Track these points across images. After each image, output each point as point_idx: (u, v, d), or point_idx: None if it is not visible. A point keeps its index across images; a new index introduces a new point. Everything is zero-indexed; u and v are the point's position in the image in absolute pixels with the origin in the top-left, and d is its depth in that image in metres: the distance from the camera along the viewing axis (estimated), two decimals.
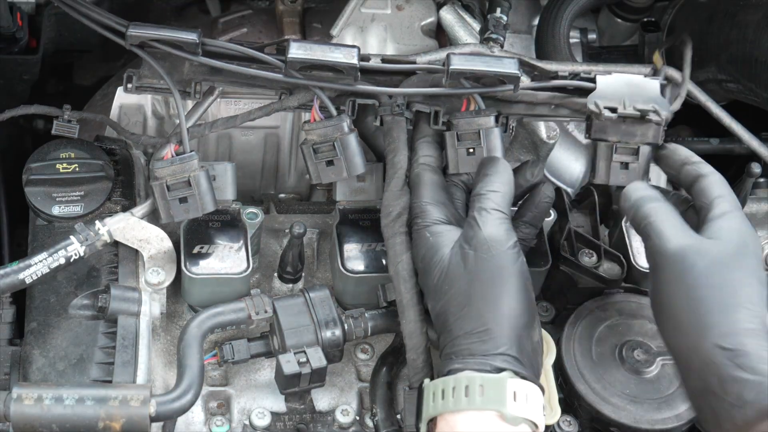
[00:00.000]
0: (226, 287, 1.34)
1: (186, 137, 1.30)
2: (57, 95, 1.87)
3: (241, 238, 1.36)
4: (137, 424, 1.16)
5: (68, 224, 1.36)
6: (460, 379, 1.14)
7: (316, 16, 1.62)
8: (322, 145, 1.31)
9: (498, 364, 1.14)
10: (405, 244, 1.27)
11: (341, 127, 1.31)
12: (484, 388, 1.12)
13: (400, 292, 1.27)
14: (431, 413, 1.16)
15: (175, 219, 1.30)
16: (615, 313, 1.40)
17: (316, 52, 1.28)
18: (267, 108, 1.36)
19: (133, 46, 1.30)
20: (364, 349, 1.42)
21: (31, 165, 1.38)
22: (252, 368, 1.39)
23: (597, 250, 1.44)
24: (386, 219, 1.29)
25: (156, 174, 1.29)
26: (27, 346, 1.30)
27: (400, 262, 1.27)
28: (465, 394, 1.13)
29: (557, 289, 1.44)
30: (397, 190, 1.30)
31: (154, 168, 1.29)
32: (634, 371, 1.34)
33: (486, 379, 1.13)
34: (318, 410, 1.37)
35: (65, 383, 1.23)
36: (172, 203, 1.29)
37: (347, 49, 1.29)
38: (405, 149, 1.31)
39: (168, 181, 1.28)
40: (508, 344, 1.15)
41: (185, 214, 1.30)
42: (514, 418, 1.12)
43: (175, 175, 1.28)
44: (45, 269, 1.26)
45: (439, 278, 1.20)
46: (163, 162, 1.29)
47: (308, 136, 1.31)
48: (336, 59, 1.28)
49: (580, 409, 1.34)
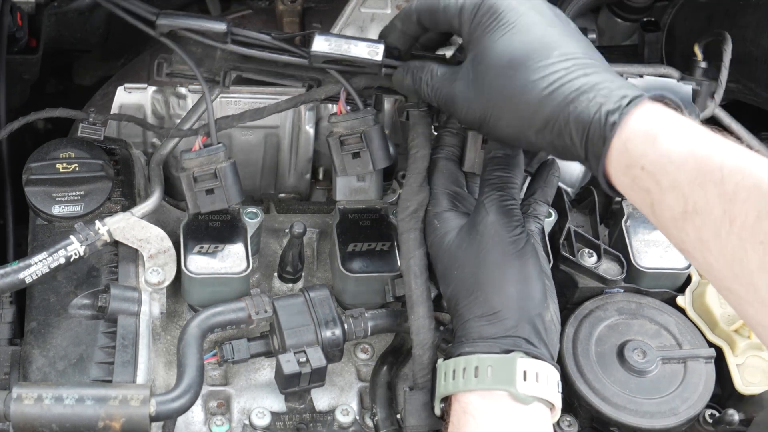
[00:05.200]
0: (226, 287, 1.34)
1: (214, 129, 1.33)
2: (57, 95, 1.87)
3: (241, 238, 1.36)
4: (137, 424, 1.16)
5: (68, 224, 1.36)
6: (471, 360, 1.15)
7: (316, 16, 1.62)
8: (348, 138, 1.32)
9: (508, 346, 1.15)
10: (419, 240, 1.28)
11: (368, 119, 1.33)
12: (493, 368, 1.14)
13: (410, 287, 1.27)
14: (443, 392, 1.18)
15: (202, 209, 1.32)
16: (615, 313, 1.40)
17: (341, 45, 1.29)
18: (294, 99, 1.38)
19: (162, 36, 1.32)
20: (364, 349, 1.42)
21: (31, 165, 1.38)
22: (252, 368, 1.39)
23: (597, 249, 1.44)
24: (402, 213, 1.29)
25: (184, 165, 1.31)
26: (27, 346, 1.29)
27: (412, 258, 1.27)
28: (475, 375, 1.15)
29: (557, 289, 1.44)
30: (416, 185, 1.29)
31: (182, 159, 1.31)
32: (634, 371, 1.34)
33: (495, 359, 1.14)
34: (318, 410, 1.36)
35: (65, 383, 1.23)
36: (199, 194, 1.31)
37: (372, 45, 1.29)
38: (428, 145, 1.31)
39: (195, 172, 1.30)
40: (518, 326, 1.16)
41: (211, 205, 1.32)
42: (525, 397, 1.13)
43: (202, 166, 1.31)
44: (45, 269, 1.26)
45: (449, 263, 1.22)
46: (191, 153, 1.31)
47: (335, 128, 1.33)
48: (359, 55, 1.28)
49: (580, 409, 1.34)
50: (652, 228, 1.46)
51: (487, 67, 1.14)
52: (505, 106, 1.13)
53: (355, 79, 1.33)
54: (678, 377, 1.35)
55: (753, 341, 1.38)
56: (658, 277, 1.43)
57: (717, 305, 1.40)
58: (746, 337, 1.38)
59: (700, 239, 1.01)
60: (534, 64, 1.11)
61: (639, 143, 1.04)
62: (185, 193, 1.32)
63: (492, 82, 1.14)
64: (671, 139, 1.03)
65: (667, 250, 1.44)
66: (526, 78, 1.11)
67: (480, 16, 1.17)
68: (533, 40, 1.12)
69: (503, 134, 1.17)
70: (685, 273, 1.43)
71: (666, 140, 1.03)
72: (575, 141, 1.09)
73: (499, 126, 1.16)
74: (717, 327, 1.39)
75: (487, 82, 1.14)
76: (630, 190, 1.07)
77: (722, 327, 1.39)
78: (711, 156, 1.01)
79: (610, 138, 1.05)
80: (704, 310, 1.41)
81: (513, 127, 1.14)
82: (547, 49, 1.11)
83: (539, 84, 1.10)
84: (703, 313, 1.41)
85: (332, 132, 1.33)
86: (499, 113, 1.14)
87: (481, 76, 1.15)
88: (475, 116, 1.17)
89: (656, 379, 1.35)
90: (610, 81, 1.09)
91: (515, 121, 1.13)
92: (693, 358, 1.37)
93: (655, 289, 1.43)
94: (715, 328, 1.40)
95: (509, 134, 1.16)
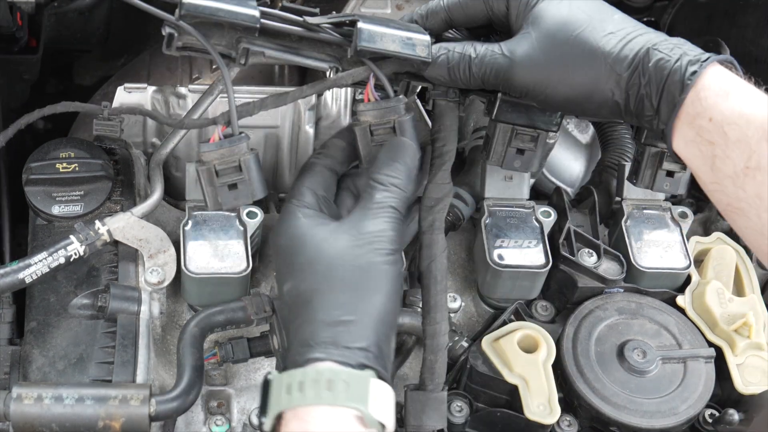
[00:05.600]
0: (226, 287, 1.34)
1: (235, 116, 1.20)
2: (57, 95, 1.87)
3: (240, 238, 1.36)
4: (137, 424, 1.17)
5: (68, 224, 1.36)
6: (322, 371, 1.04)
7: None
8: (379, 128, 1.22)
9: (361, 360, 1.06)
10: (441, 243, 1.23)
11: (399, 108, 1.22)
12: (348, 385, 1.03)
13: (429, 291, 1.23)
14: (285, 405, 1.05)
15: (224, 207, 1.21)
16: (615, 313, 1.40)
17: (387, 44, 1.18)
18: (320, 85, 1.24)
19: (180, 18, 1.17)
20: None
21: (31, 164, 1.38)
22: (252, 368, 1.39)
23: (597, 249, 1.44)
24: (426, 211, 1.24)
25: (203, 158, 1.19)
26: (27, 346, 1.29)
27: (433, 261, 1.23)
28: (328, 388, 1.03)
29: (557, 289, 1.44)
30: (440, 182, 1.25)
31: (201, 151, 1.19)
32: (634, 371, 1.34)
33: (351, 375, 1.04)
34: None
35: (65, 382, 1.23)
36: (221, 190, 1.19)
37: (420, 38, 1.20)
38: (455, 140, 1.26)
39: (216, 166, 1.19)
40: (373, 341, 1.08)
41: (234, 201, 1.20)
42: (372, 420, 1.04)
43: (223, 158, 1.18)
44: (45, 269, 1.26)
45: (314, 255, 1.12)
46: (210, 145, 1.19)
47: (362, 117, 1.22)
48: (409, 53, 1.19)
49: (580, 409, 1.34)
50: (652, 228, 1.46)
51: (552, 32, 1.15)
52: (578, 66, 1.14)
53: (383, 63, 1.22)
54: (678, 377, 1.35)
55: (753, 341, 1.38)
56: (658, 277, 1.43)
57: (717, 305, 1.40)
58: (746, 336, 1.38)
59: (758, 196, 1.04)
60: (601, 25, 1.14)
61: (712, 94, 1.07)
62: (204, 190, 1.20)
63: (562, 45, 1.14)
64: (742, 96, 1.07)
65: (667, 250, 1.44)
66: (599, 34, 1.13)
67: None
68: (590, 6, 1.16)
69: (568, 95, 1.16)
70: (685, 273, 1.43)
71: (738, 96, 1.07)
72: (651, 89, 1.11)
73: (563, 88, 1.16)
74: (717, 327, 1.39)
75: (556, 44, 1.15)
76: (691, 142, 1.09)
77: (722, 327, 1.39)
78: None
79: (689, 86, 1.08)
80: (704, 309, 1.41)
81: (584, 86, 1.15)
82: (608, 11, 1.16)
83: (614, 37, 1.13)
84: (702, 313, 1.41)
85: (359, 120, 1.22)
86: (571, 74, 1.15)
87: (548, 40, 1.15)
88: (537, 81, 1.16)
89: (656, 378, 1.35)
90: (678, 40, 1.13)
91: (587, 78, 1.14)
92: (693, 357, 1.37)
93: (655, 289, 1.43)
94: (714, 327, 1.40)
95: (576, 95, 1.16)
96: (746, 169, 1.05)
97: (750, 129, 1.05)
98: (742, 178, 1.05)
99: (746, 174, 1.05)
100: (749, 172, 1.04)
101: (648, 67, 1.11)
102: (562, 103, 1.19)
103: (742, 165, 1.05)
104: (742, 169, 1.05)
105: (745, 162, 1.05)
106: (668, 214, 1.47)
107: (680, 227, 1.46)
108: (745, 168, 1.05)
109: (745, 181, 1.05)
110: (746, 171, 1.05)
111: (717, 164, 1.07)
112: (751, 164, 1.04)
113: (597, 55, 1.13)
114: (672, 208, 1.47)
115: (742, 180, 1.05)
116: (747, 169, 1.04)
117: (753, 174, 1.04)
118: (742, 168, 1.05)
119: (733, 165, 1.06)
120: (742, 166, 1.05)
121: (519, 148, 1.27)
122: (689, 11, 1.68)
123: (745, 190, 1.05)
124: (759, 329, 1.39)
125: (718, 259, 1.46)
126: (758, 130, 1.04)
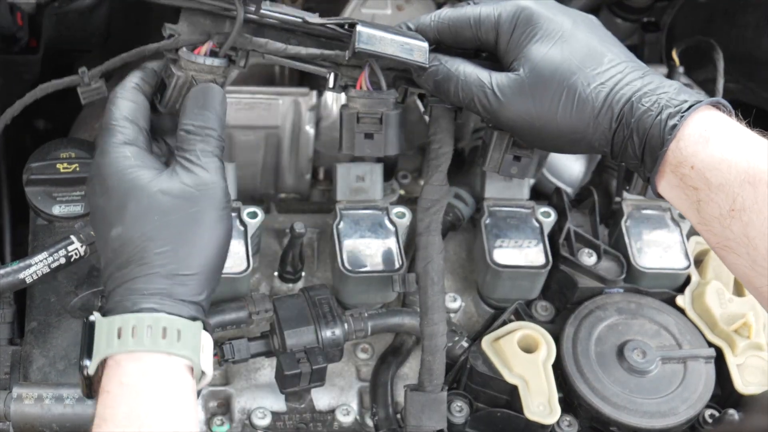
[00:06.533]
0: (226, 287, 1.34)
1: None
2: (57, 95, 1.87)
3: (241, 238, 1.36)
4: None
5: (69, 224, 1.36)
6: (159, 318, 1.04)
7: None
8: (366, 117, 1.24)
9: (193, 313, 1.07)
10: (438, 245, 1.24)
11: (389, 102, 1.24)
12: (183, 335, 1.05)
13: (426, 293, 1.24)
14: (116, 349, 1.04)
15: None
16: (615, 313, 1.40)
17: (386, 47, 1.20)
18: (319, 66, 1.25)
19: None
20: (364, 348, 1.42)
21: (31, 165, 1.38)
22: (252, 368, 1.39)
23: (597, 249, 1.44)
24: (423, 213, 1.25)
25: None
26: (27, 346, 1.30)
27: (430, 263, 1.24)
28: (163, 336, 1.04)
29: (557, 289, 1.44)
30: (437, 184, 1.25)
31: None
32: (634, 371, 1.34)
33: (186, 325, 1.06)
34: (318, 410, 1.37)
35: (65, 383, 1.23)
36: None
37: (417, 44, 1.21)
38: (451, 142, 1.27)
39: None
40: (205, 295, 1.10)
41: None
42: (199, 370, 1.07)
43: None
44: (45, 269, 1.26)
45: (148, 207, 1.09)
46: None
47: (351, 104, 1.24)
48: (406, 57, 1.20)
49: (580, 409, 1.34)
50: (652, 228, 1.46)
51: (544, 79, 1.15)
52: (567, 115, 1.14)
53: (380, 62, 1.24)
54: (678, 377, 1.35)
55: (753, 341, 1.38)
56: (658, 277, 1.43)
57: (716, 305, 1.40)
58: (746, 337, 1.38)
59: (746, 235, 1.06)
60: (592, 74, 1.14)
61: (691, 143, 1.08)
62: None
63: (553, 93, 1.14)
64: (723, 141, 1.08)
65: (667, 250, 1.44)
66: (589, 86, 1.13)
67: (521, 26, 1.17)
68: (581, 49, 1.15)
69: (555, 140, 1.17)
70: (684, 273, 1.44)
71: (718, 142, 1.08)
72: (635, 142, 1.12)
73: (550, 133, 1.16)
74: (717, 327, 1.40)
75: (547, 91, 1.14)
76: (676, 188, 1.10)
77: (722, 327, 1.39)
78: (761, 157, 1.05)
79: (669, 140, 1.09)
80: (704, 310, 1.41)
81: (571, 134, 1.15)
82: (598, 55, 1.15)
83: (603, 89, 1.13)
84: (702, 313, 1.41)
85: (348, 106, 1.24)
86: (559, 120, 1.15)
87: (539, 87, 1.15)
88: (524, 122, 1.17)
89: (656, 379, 1.35)
90: (668, 84, 1.13)
91: (574, 128, 1.14)
92: (693, 358, 1.37)
93: (654, 289, 1.43)
94: (714, 328, 1.40)
95: (563, 141, 1.17)
96: (732, 211, 1.06)
97: (731, 173, 1.06)
98: (729, 219, 1.07)
99: (732, 216, 1.06)
100: (735, 213, 1.06)
101: (631, 122, 1.11)
102: (548, 145, 1.20)
103: (727, 207, 1.07)
104: (728, 211, 1.07)
105: (730, 205, 1.06)
106: (668, 214, 1.48)
107: (680, 227, 1.46)
108: (730, 210, 1.06)
109: (731, 222, 1.07)
110: (732, 213, 1.06)
111: (703, 207, 1.09)
112: (736, 206, 1.06)
113: (585, 109, 1.13)
114: (672, 208, 1.47)
115: (728, 221, 1.07)
116: (732, 211, 1.06)
117: (738, 215, 1.06)
118: (728, 210, 1.07)
119: (719, 208, 1.07)
120: (728, 209, 1.07)
121: (516, 155, 1.27)
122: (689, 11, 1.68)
123: (732, 230, 1.07)
124: (759, 329, 1.39)
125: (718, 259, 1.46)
126: (740, 173, 1.06)
